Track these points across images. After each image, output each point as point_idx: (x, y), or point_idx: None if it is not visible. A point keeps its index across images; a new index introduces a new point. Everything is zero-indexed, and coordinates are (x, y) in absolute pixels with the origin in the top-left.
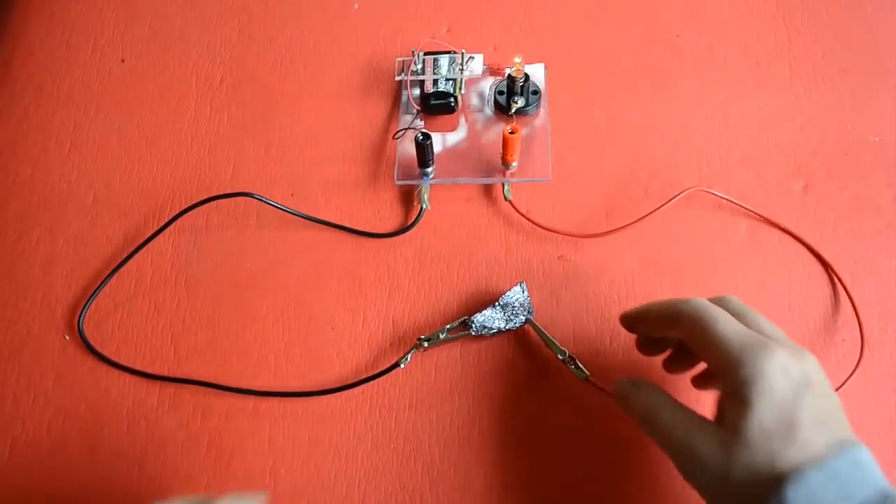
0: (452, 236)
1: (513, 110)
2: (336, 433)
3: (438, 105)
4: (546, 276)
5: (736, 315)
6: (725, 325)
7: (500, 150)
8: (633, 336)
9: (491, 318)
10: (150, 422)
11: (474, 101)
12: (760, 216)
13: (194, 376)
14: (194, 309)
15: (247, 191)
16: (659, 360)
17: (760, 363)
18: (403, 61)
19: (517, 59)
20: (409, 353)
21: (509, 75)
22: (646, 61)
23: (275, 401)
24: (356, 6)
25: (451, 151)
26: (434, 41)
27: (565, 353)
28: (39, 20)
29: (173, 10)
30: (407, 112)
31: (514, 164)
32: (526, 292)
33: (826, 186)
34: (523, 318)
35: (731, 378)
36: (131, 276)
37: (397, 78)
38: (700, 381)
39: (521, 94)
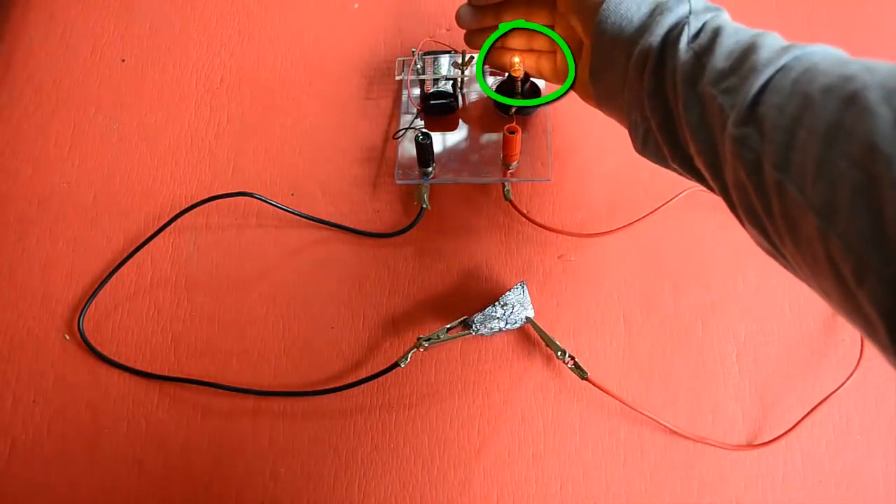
0: (452, 236)
1: (513, 110)
2: (336, 433)
3: (438, 105)
4: (546, 276)
5: None
6: None
7: (500, 150)
8: (633, 336)
9: (491, 318)
10: (150, 422)
11: (474, 100)
12: None
13: (194, 376)
14: (194, 309)
15: (247, 191)
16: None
17: None
18: (403, 61)
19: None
20: (409, 352)
21: (509, 75)
22: None
23: (275, 401)
24: (356, 6)
25: (451, 151)
26: (434, 41)
27: (565, 353)
28: (39, 20)
29: (173, 10)
30: (407, 112)
31: (515, 164)
32: (526, 292)
33: None
34: (523, 317)
35: None
36: (131, 276)
37: (397, 78)
38: None
39: (521, 94)
